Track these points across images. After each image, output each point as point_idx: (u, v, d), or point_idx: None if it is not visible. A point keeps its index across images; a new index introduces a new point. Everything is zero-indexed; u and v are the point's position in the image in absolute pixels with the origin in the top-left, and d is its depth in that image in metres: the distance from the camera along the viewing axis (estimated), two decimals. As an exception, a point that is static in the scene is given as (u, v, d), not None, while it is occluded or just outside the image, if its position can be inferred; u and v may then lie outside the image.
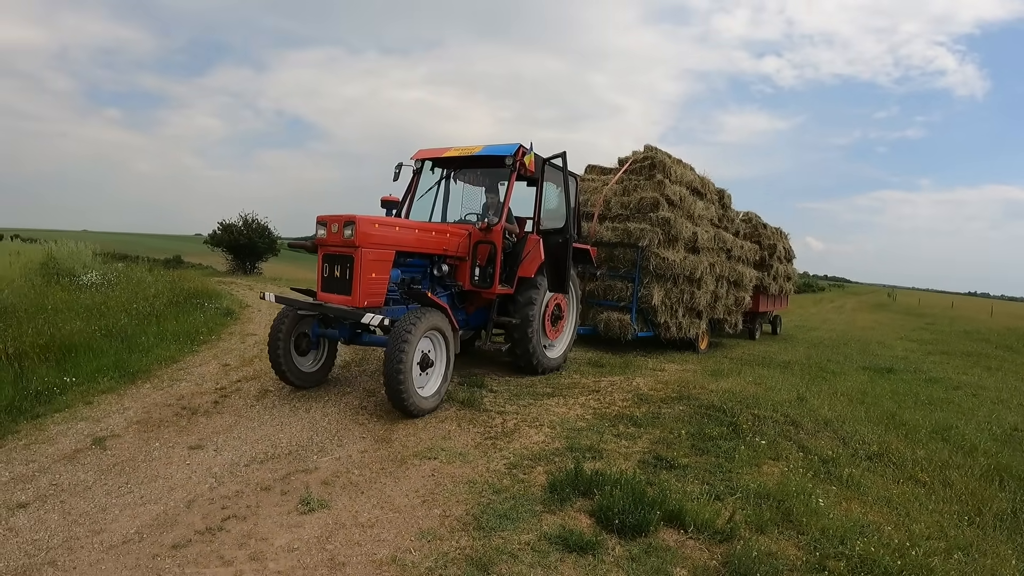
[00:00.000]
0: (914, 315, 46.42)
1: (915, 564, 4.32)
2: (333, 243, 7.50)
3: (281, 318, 7.87)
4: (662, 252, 13.10)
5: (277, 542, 4.17)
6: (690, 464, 5.95)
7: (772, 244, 20.44)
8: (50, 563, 3.91)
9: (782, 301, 22.93)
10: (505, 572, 3.88)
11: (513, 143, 9.22)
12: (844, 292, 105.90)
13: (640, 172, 14.53)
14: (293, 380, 7.95)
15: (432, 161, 10.23)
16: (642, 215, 13.51)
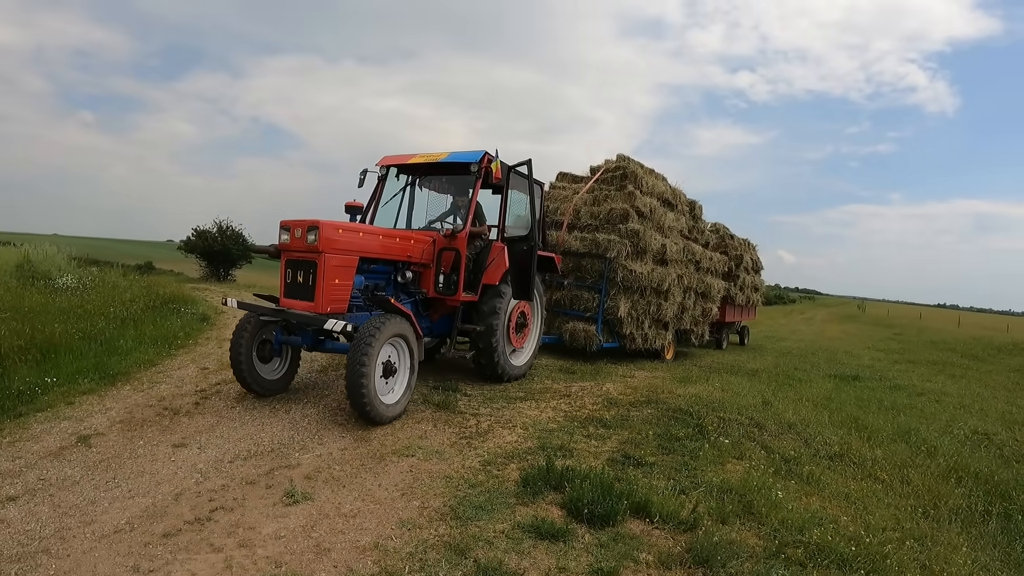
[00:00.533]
0: (883, 326, 47.18)
1: (869, 551, 4.58)
2: (296, 248, 7.47)
3: (243, 325, 7.83)
4: (630, 264, 13.10)
5: (264, 530, 4.37)
6: (657, 462, 6.22)
7: (739, 255, 20.55)
8: (44, 551, 4.06)
9: (750, 312, 23.10)
10: (482, 557, 4.11)
11: (479, 150, 9.24)
12: (815, 304, 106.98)
13: (611, 182, 14.55)
14: (255, 388, 7.87)
15: (397, 167, 10.23)
16: (611, 226, 13.49)
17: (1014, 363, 23.23)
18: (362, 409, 6.82)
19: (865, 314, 69.76)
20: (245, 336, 7.66)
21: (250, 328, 7.72)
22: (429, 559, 4.09)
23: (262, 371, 7.93)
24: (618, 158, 15.08)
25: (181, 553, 4.05)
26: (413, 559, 4.08)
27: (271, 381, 8.04)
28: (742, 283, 20.72)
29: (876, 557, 4.57)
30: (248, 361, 7.70)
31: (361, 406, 6.79)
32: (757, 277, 22.73)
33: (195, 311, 12.15)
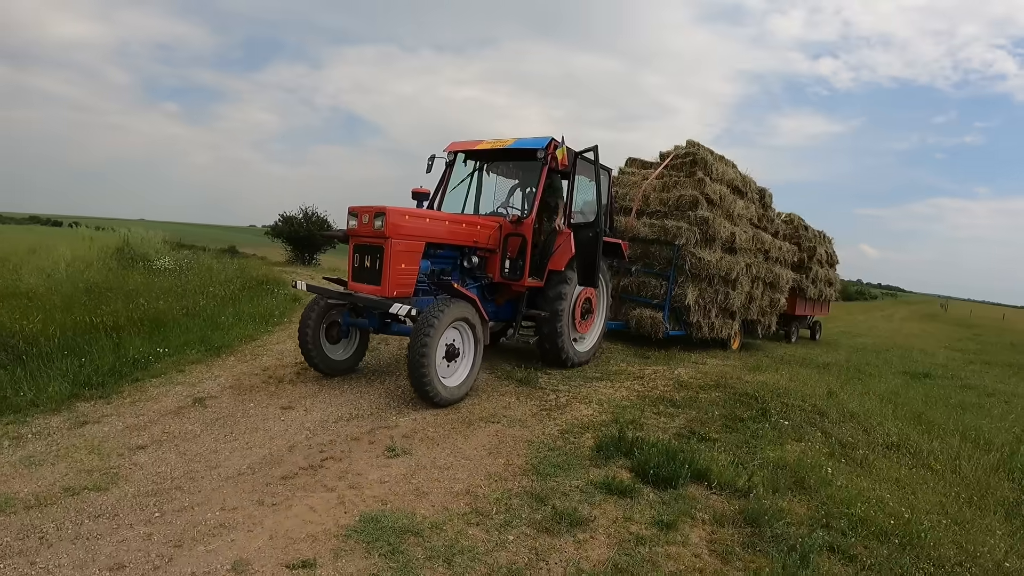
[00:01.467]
0: (963, 326, 46.22)
1: (908, 528, 5.00)
2: (364, 234, 7.60)
3: (311, 307, 8.04)
4: (698, 252, 12.99)
5: (370, 476, 5.08)
6: (719, 439, 6.73)
7: (812, 247, 20.22)
8: (176, 488, 4.78)
9: (822, 307, 22.64)
10: (558, 504, 4.75)
11: (545, 136, 9.25)
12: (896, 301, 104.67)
13: (681, 168, 14.39)
14: (323, 367, 8.12)
15: (465, 153, 10.24)
16: (680, 213, 13.35)
17: (1097, 370, 22.49)
18: (422, 390, 7.02)
19: (947, 313, 68.18)
20: (312, 318, 7.93)
21: (318, 310, 7.98)
22: (513, 504, 4.74)
23: (330, 352, 8.21)
24: (688, 144, 14.93)
25: (299, 492, 4.75)
26: (500, 503, 4.74)
27: (338, 361, 8.31)
28: (814, 276, 20.39)
29: (914, 533, 4.95)
30: (315, 341, 7.97)
31: (421, 387, 6.98)
32: (831, 271, 22.33)
33: (287, 292, 12.74)
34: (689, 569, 4.10)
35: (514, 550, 4.12)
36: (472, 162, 10.44)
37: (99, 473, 5.00)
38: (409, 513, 4.47)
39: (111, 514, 4.34)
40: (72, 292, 10.46)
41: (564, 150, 9.12)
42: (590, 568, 3.88)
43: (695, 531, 4.65)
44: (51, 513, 4.31)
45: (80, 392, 6.83)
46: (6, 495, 4.52)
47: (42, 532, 4.05)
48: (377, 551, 3.91)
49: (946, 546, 4.92)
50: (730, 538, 4.60)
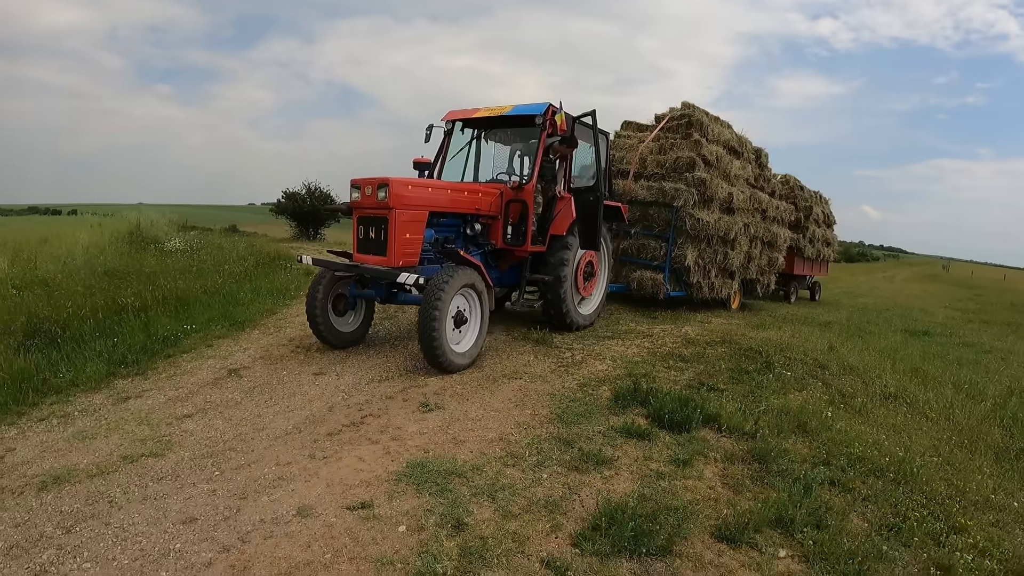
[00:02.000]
0: (965, 286, 46.76)
1: (902, 466, 5.46)
2: (368, 205, 7.71)
3: (318, 280, 8.16)
4: (697, 213, 13.10)
5: (409, 429, 5.57)
6: (727, 389, 7.22)
7: (808, 207, 20.44)
8: (230, 449, 5.23)
9: (821, 267, 22.92)
10: (584, 447, 5.27)
11: (543, 102, 9.32)
12: (898, 262, 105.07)
13: (677, 130, 14.35)
14: (331, 340, 8.30)
15: (463, 122, 10.32)
16: (678, 175, 13.42)
17: (1092, 328, 22.97)
18: (434, 358, 7.19)
19: (948, 274, 68.60)
20: (320, 291, 8.07)
21: (324, 283, 8.11)
22: (543, 448, 5.26)
23: (338, 324, 8.39)
24: (683, 106, 14.85)
25: (346, 446, 5.23)
26: (531, 447, 5.25)
27: (346, 333, 8.51)
28: (811, 236, 20.70)
29: (907, 470, 5.42)
30: (324, 315, 8.13)
31: (433, 355, 7.16)
32: (829, 231, 22.47)
33: (299, 267, 13.03)
34: (705, 498, 4.61)
35: (549, 486, 4.63)
36: (470, 130, 10.58)
37: (152, 441, 5.39)
38: (450, 459, 4.96)
39: (173, 476, 4.73)
40: (91, 277, 10.86)
41: (563, 115, 9.21)
42: (618, 498, 4.37)
43: (708, 467, 5.16)
44: (114, 479, 4.68)
45: (116, 370, 7.26)
46: (67, 467, 4.90)
47: (110, 496, 4.41)
48: (427, 491, 4.40)
49: (937, 482, 5.37)
50: (740, 473, 5.10)
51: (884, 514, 4.69)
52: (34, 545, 3.83)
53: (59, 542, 3.85)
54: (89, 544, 3.83)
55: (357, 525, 3.93)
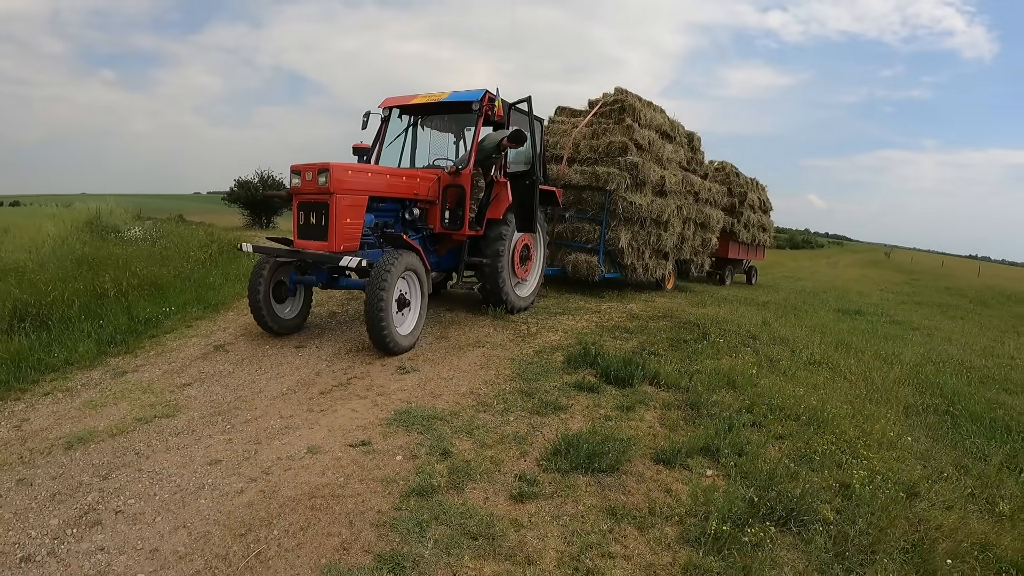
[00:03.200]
0: (903, 272, 48.80)
1: (817, 414, 6.53)
2: (308, 191, 7.81)
3: (260, 268, 8.24)
4: (630, 196, 13.44)
5: (391, 387, 6.52)
6: (666, 354, 8.30)
7: (743, 192, 21.34)
8: (235, 408, 6.03)
9: (757, 252, 23.76)
10: (543, 397, 6.33)
11: (480, 89, 9.59)
12: (842, 249, 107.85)
13: (610, 115, 14.73)
14: (273, 327, 8.43)
15: (400, 108, 10.48)
16: (611, 159, 13.70)
17: (1018, 310, 24.85)
18: (382, 340, 7.49)
19: (890, 260, 70.92)
20: (262, 279, 8.18)
21: (266, 271, 8.22)
22: (508, 398, 6.30)
23: (279, 311, 8.55)
24: (616, 91, 15.28)
25: (339, 401, 6.14)
26: (498, 398, 6.29)
27: (287, 320, 8.66)
28: (746, 220, 21.60)
29: (821, 417, 6.49)
30: (267, 302, 8.26)
31: (381, 338, 7.45)
32: (765, 217, 23.65)
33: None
34: (646, 434, 5.67)
35: (516, 425, 5.65)
36: (407, 117, 10.75)
37: (161, 406, 6.00)
38: (431, 407, 5.94)
39: (188, 431, 5.42)
40: (64, 265, 11.23)
41: (499, 102, 9.61)
42: (573, 432, 5.40)
43: (649, 413, 6.23)
44: (135, 437, 5.27)
45: (106, 349, 7.76)
46: (87, 429, 5.42)
47: (136, 450, 5.01)
48: (415, 431, 5.37)
49: (846, 426, 6.43)
50: (675, 416, 6.18)
51: (797, 447, 5.75)
52: (76, 491, 4.37)
53: (99, 487, 4.42)
54: (128, 486, 4.43)
55: (361, 457, 4.87)
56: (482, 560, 3.68)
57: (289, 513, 4.05)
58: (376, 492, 4.34)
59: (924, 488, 5.33)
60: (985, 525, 4.90)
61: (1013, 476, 6.05)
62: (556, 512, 4.27)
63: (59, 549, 3.74)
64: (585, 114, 15.30)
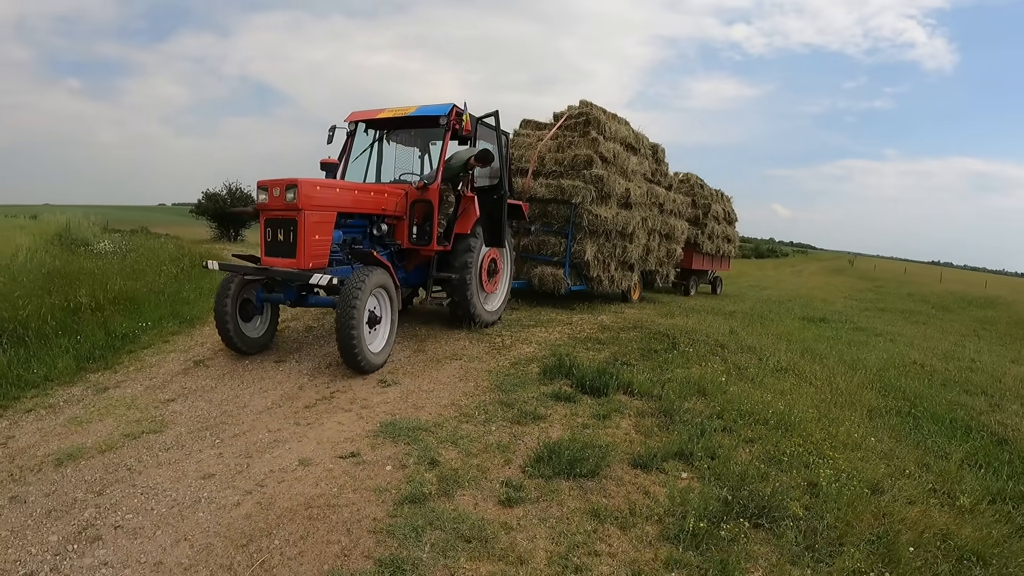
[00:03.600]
0: (867, 279, 49.75)
1: (785, 418, 6.86)
2: (275, 207, 7.72)
3: (225, 286, 8.10)
4: (595, 209, 13.61)
5: (374, 400, 6.75)
6: (638, 364, 8.60)
7: (707, 204, 21.81)
8: (222, 423, 6.17)
9: (722, 262, 24.27)
10: (522, 407, 6.60)
11: (447, 103, 9.53)
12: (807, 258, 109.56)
13: (575, 128, 14.78)
14: (241, 346, 8.31)
15: (366, 123, 10.44)
16: (576, 172, 13.80)
17: (979, 315, 25.65)
18: (353, 359, 7.43)
19: (854, 268, 72.14)
20: (229, 297, 8.04)
21: (232, 289, 8.08)
22: (489, 409, 6.56)
23: (246, 330, 8.42)
24: (581, 104, 15.29)
25: (324, 414, 6.35)
26: (479, 409, 6.55)
27: (255, 339, 8.53)
28: (710, 232, 22.06)
29: (789, 421, 6.82)
30: (234, 321, 8.13)
31: (352, 356, 7.39)
32: (730, 228, 23.95)
33: None
34: (623, 441, 5.98)
35: (498, 435, 5.92)
36: (373, 131, 10.71)
37: (147, 421, 6.09)
38: (415, 419, 6.17)
39: (178, 446, 5.53)
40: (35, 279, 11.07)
41: (467, 116, 9.57)
42: (554, 440, 5.69)
43: (624, 420, 6.54)
44: (124, 453, 5.36)
45: (85, 365, 7.79)
46: (74, 446, 5.49)
47: (127, 465, 5.10)
48: (401, 441, 5.60)
49: (813, 430, 6.75)
50: (650, 423, 6.50)
51: (766, 450, 6.07)
52: (71, 508, 4.46)
53: (95, 503, 4.51)
54: (124, 501, 4.53)
55: (352, 468, 5.09)
56: (477, 561, 3.94)
57: (288, 523, 4.25)
58: (370, 501, 4.57)
59: (888, 485, 5.67)
60: (946, 517, 5.25)
61: (973, 472, 6.47)
62: (543, 515, 4.55)
63: (62, 565, 3.84)
64: (550, 127, 15.37)
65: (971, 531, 5.01)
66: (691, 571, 4.02)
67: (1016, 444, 7.54)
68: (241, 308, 8.29)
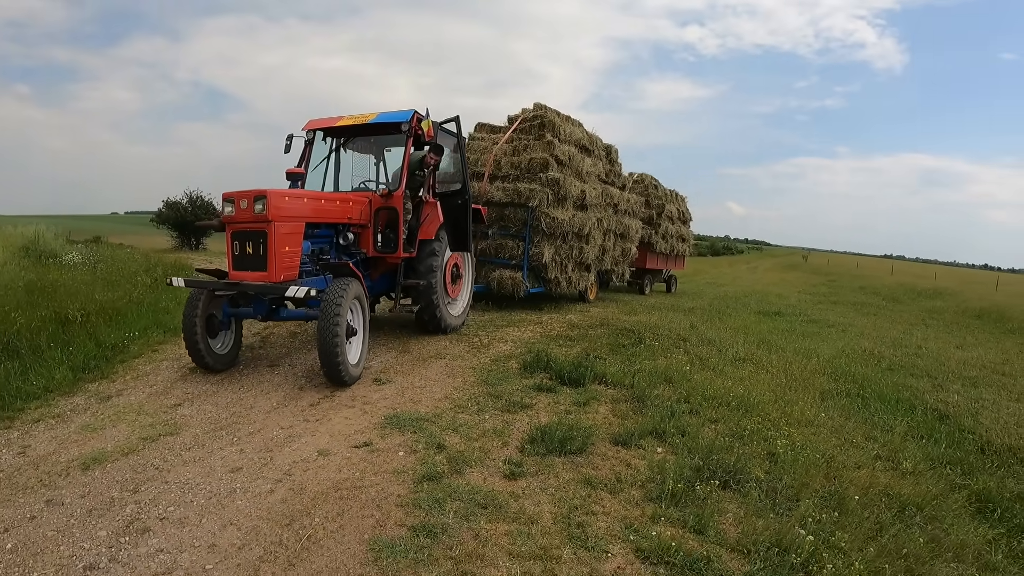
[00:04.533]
0: (820, 274, 51.72)
1: (745, 400, 7.78)
2: (243, 219, 7.61)
3: (192, 303, 7.98)
4: (552, 212, 13.87)
5: (374, 397, 7.50)
6: (608, 358, 9.50)
7: (661, 204, 22.32)
8: (234, 424, 6.66)
9: (677, 261, 24.82)
10: (510, 398, 7.46)
11: (408, 109, 9.64)
12: (762, 254, 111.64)
13: (530, 131, 14.96)
14: (210, 363, 8.21)
15: (323, 131, 10.46)
16: (532, 175, 14.07)
17: (927, 305, 27.01)
18: (335, 371, 7.49)
19: (807, 263, 74.21)
20: (198, 313, 7.93)
21: (200, 306, 7.98)
22: (480, 401, 7.40)
23: (214, 347, 8.34)
24: (535, 106, 15.47)
25: (329, 411, 7.04)
26: (471, 401, 7.38)
27: (223, 356, 8.46)
28: (664, 231, 22.59)
29: (748, 403, 7.74)
30: (203, 338, 8.03)
31: (335, 369, 7.45)
32: (684, 227, 24.86)
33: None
34: (603, 423, 6.85)
35: (492, 422, 6.74)
36: (331, 140, 10.74)
37: (160, 425, 6.48)
38: (415, 411, 6.95)
39: (198, 445, 5.97)
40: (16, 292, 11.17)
41: (429, 122, 9.61)
42: (543, 425, 6.52)
43: (602, 407, 7.41)
44: (147, 454, 5.75)
45: (81, 376, 8.10)
46: (96, 451, 5.85)
47: (155, 465, 5.50)
48: (408, 431, 6.36)
49: (770, 410, 7.71)
50: (625, 408, 7.37)
51: (729, 427, 6.96)
52: (111, 506, 4.80)
53: (133, 499, 4.88)
54: (162, 496, 4.92)
55: (368, 455, 5.82)
56: (495, 523, 4.72)
57: (322, 504, 4.94)
58: (391, 481, 5.32)
59: (838, 453, 6.61)
60: (890, 478, 6.21)
61: (915, 442, 7.49)
62: (543, 485, 5.36)
63: (119, 555, 4.20)
64: (505, 130, 15.64)
65: (911, 488, 5.96)
66: (673, 523, 4.84)
67: (955, 419, 8.58)
68: (208, 324, 8.22)
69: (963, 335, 18.03)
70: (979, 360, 13.32)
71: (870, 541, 4.91)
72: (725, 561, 4.37)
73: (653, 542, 4.46)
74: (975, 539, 5.34)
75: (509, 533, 4.60)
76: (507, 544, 4.44)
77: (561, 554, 4.33)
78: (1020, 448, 7.56)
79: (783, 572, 4.26)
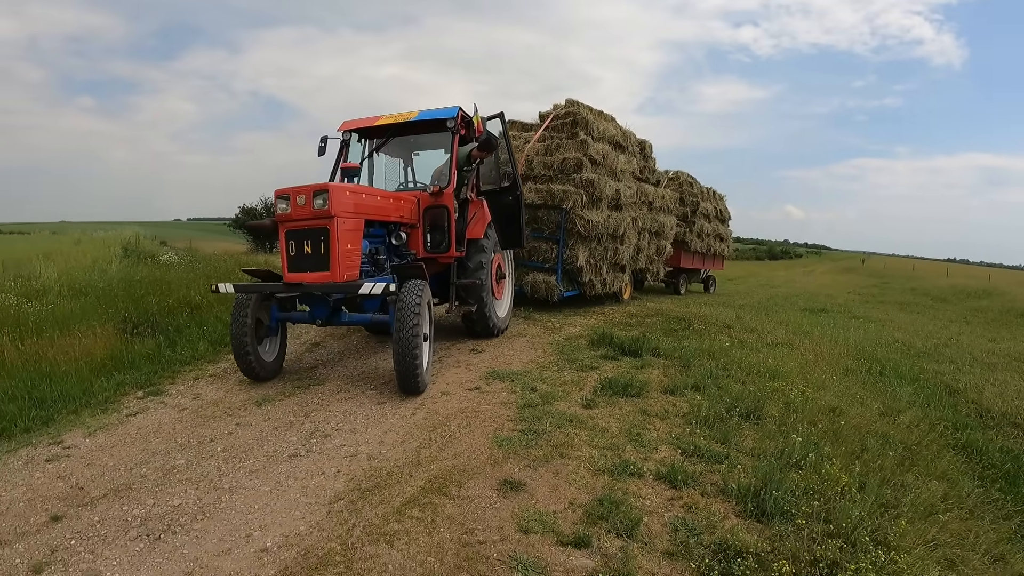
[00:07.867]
0: (875, 276, 53.17)
1: (775, 370, 9.72)
2: (300, 217, 7.35)
3: (241, 308, 7.74)
4: (586, 214, 14.04)
5: (474, 361, 9.70)
6: (662, 338, 11.58)
7: (696, 201, 22.47)
8: (368, 377, 8.75)
9: (714, 261, 25.72)
10: (582, 363, 9.59)
11: (453, 106, 9.76)
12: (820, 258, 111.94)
13: (562, 129, 15.07)
14: (260, 372, 8.04)
15: (359, 132, 10.29)
16: (565, 176, 14.15)
17: (973, 304, 28.15)
18: (413, 379, 7.36)
19: (865, 267, 74.80)
20: (248, 320, 7.71)
21: (250, 312, 7.75)
22: (559, 363, 9.58)
23: (263, 354, 8.13)
24: (567, 103, 15.59)
25: (444, 371, 9.10)
26: (552, 364, 9.57)
27: (270, 363, 8.28)
28: (699, 230, 22.80)
29: (776, 371, 9.66)
30: (254, 346, 7.82)
31: (414, 378, 7.34)
32: (723, 227, 25.45)
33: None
34: (656, 380, 8.92)
35: (570, 376, 8.89)
36: (367, 141, 10.52)
37: (306, 379, 8.48)
38: (509, 369, 9.12)
39: (344, 390, 8.01)
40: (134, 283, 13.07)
41: (478, 117, 9.62)
42: (608, 378, 8.59)
43: (654, 370, 9.51)
44: (305, 397, 7.74)
45: (219, 349, 9.72)
46: (260, 396, 7.69)
47: (314, 402, 7.50)
48: (506, 380, 8.50)
49: (794, 377, 9.56)
50: (673, 372, 9.44)
51: (758, 387, 8.89)
52: (291, 425, 6.68)
53: (308, 420, 6.84)
54: (331, 418, 6.91)
55: (478, 395, 7.96)
56: (578, 430, 6.81)
57: (454, 419, 7.03)
58: (500, 408, 7.48)
59: (845, 406, 8.48)
60: (887, 426, 8.01)
61: (918, 407, 9.27)
62: (611, 413, 7.46)
63: (313, 448, 6.01)
64: (536, 128, 15.74)
65: (903, 434, 7.78)
66: (705, 436, 6.86)
67: (963, 393, 10.40)
68: (256, 330, 8.01)
69: (1000, 332, 19.45)
70: (1007, 351, 14.89)
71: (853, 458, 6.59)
72: (741, 460, 6.29)
73: (689, 445, 6.49)
74: (949, 468, 7.06)
75: (588, 435, 6.67)
76: (587, 440, 6.52)
77: (625, 447, 6.42)
78: (1014, 414, 9.27)
79: (780, 464, 6.22)
